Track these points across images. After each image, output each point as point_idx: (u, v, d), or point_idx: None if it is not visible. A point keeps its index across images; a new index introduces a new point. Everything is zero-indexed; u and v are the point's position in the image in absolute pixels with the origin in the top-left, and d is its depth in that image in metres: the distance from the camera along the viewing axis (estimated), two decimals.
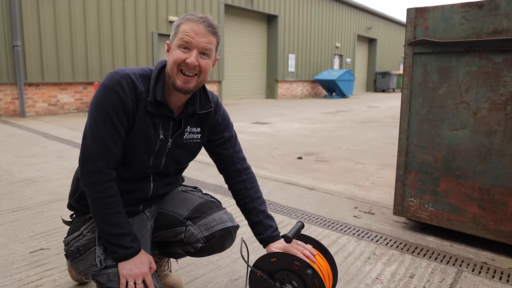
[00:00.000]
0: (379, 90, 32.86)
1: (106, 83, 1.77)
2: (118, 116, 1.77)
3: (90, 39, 12.91)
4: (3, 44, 11.09)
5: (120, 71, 1.80)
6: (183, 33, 1.77)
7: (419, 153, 3.18)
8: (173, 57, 1.78)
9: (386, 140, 8.24)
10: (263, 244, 2.06)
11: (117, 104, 1.75)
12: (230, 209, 3.79)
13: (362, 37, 32.34)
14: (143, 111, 1.83)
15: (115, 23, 13.60)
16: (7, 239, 3.08)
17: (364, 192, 4.49)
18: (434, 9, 2.98)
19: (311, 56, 24.91)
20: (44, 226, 3.37)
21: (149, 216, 2.09)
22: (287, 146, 7.44)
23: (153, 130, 1.88)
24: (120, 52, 13.79)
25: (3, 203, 3.93)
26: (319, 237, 3.21)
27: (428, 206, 3.18)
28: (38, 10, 11.66)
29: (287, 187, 4.67)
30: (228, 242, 2.04)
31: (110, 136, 1.77)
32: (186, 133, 1.99)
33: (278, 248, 1.97)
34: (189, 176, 4.97)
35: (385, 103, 20.01)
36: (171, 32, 1.85)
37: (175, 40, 1.80)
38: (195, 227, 1.97)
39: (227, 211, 2.08)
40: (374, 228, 3.44)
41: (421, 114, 3.14)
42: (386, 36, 35.69)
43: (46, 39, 11.92)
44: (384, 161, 6.18)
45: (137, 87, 1.80)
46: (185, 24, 1.78)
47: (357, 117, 12.80)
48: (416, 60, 3.13)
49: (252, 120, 11.63)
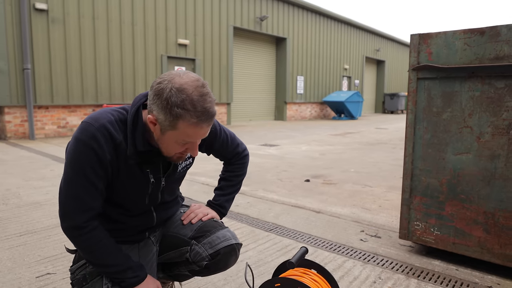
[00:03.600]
0: (388, 112, 32.86)
1: (79, 137, 1.66)
2: (95, 171, 1.68)
3: (99, 62, 13.04)
4: (13, 67, 11.18)
5: (94, 121, 1.67)
6: (187, 137, 1.65)
7: (424, 177, 3.19)
8: (171, 149, 1.72)
9: (394, 162, 8.23)
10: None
11: (93, 161, 1.66)
12: (236, 233, 3.81)
13: (371, 59, 32.47)
14: (125, 161, 1.75)
15: (125, 46, 13.75)
16: (13, 264, 3.10)
17: (371, 215, 4.49)
18: (437, 35, 3.02)
19: (319, 78, 25.00)
20: (51, 250, 3.38)
21: (154, 241, 2.10)
22: (295, 168, 7.46)
23: (142, 176, 1.83)
24: (129, 74, 13.92)
25: (11, 227, 3.95)
26: (325, 261, 3.22)
27: (434, 230, 3.19)
28: (48, 33, 11.82)
29: (294, 210, 4.68)
30: (232, 259, 2.05)
31: (86, 191, 1.69)
32: (179, 165, 1.99)
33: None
34: (197, 199, 4.99)
35: (394, 124, 20.00)
36: (160, 113, 1.60)
37: (172, 133, 1.65)
38: (199, 246, 1.99)
39: (230, 229, 2.10)
40: (380, 252, 3.44)
41: (425, 139, 3.16)
42: (394, 58, 35.80)
43: (56, 62, 12.04)
44: (391, 183, 6.18)
45: (114, 138, 1.69)
46: (187, 127, 1.61)
47: (365, 139, 12.81)
48: (420, 85, 3.16)
49: (260, 142, 11.67)
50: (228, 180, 2.34)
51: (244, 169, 2.37)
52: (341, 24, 26.73)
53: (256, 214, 4.47)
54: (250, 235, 3.80)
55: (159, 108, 1.59)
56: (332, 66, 26.26)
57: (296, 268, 1.99)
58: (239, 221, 4.22)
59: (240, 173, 2.36)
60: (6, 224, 4.03)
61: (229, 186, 2.34)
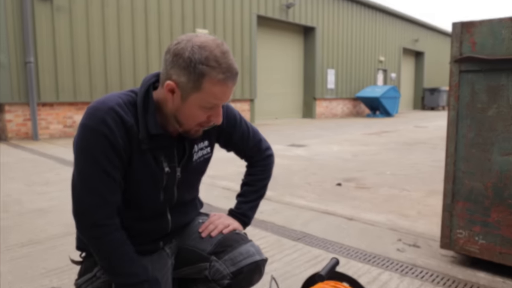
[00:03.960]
0: (428, 108, 32.54)
1: (87, 123, 1.64)
2: (109, 160, 1.65)
3: (109, 54, 12.95)
4: (14, 61, 11.05)
5: (102, 104, 1.66)
6: (213, 98, 1.65)
7: (467, 180, 3.15)
8: (196, 118, 1.71)
9: (434, 164, 8.15)
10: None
11: (105, 147, 1.63)
12: (260, 242, 3.82)
13: (408, 50, 32.19)
14: (138, 147, 1.73)
15: (137, 36, 13.67)
16: (15, 277, 3.04)
17: (409, 223, 4.45)
18: (481, 24, 2.98)
19: (352, 71, 24.88)
20: (57, 262, 3.32)
21: (169, 253, 2.07)
22: (325, 171, 7.44)
23: (156, 165, 1.81)
24: (142, 68, 13.83)
25: (12, 237, 3.91)
26: (358, 273, 3.20)
27: (478, 238, 3.14)
28: (53, 22, 11.69)
29: (324, 217, 4.67)
30: (256, 278, 2.01)
31: (103, 184, 1.66)
32: (195, 153, 1.97)
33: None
34: (217, 206, 5.01)
35: (434, 122, 19.78)
36: (181, 74, 1.62)
37: (197, 96, 1.65)
38: (220, 263, 1.94)
39: (254, 243, 2.05)
40: (419, 263, 3.41)
41: (469, 138, 3.12)
42: (435, 49, 35.41)
43: (61, 55, 11.93)
44: (431, 187, 6.11)
45: (125, 121, 1.67)
46: (213, 85, 1.61)
47: (402, 138, 12.71)
48: (463, 79, 3.12)
49: (287, 142, 11.66)
50: (251, 185, 2.30)
51: (268, 172, 2.34)
52: (376, 12, 26.55)
53: (282, 222, 4.47)
54: (276, 245, 3.80)
55: (180, 69, 1.61)
56: (366, 58, 26.11)
57: (326, 281, 1.98)
58: (263, 229, 4.22)
59: (264, 177, 2.32)
60: (7, 234, 3.99)
61: (252, 192, 2.29)
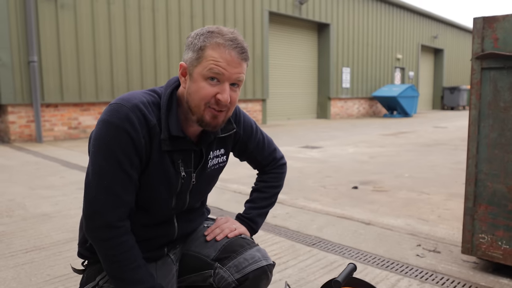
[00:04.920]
0: (447, 108, 32.38)
1: (110, 120, 1.64)
2: (129, 159, 1.66)
3: (115, 53, 12.95)
4: (17, 60, 11.00)
5: (126, 102, 1.67)
6: (213, 62, 1.65)
7: (490, 183, 3.14)
8: (200, 92, 1.69)
9: (454, 166, 8.11)
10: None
11: (127, 145, 1.64)
12: (273, 247, 3.82)
13: (427, 47, 32.05)
14: (158, 148, 1.74)
15: (145, 35, 13.69)
16: (19, 284, 3.06)
17: (429, 227, 4.44)
18: (504, 19, 2.97)
19: (368, 70, 24.82)
20: (62, 269, 3.35)
21: (174, 260, 2.06)
22: (341, 173, 7.43)
23: (173, 168, 1.81)
24: (149, 67, 13.86)
25: (16, 242, 3.93)
26: (375, 280, 3.20)
27: (502, 243, 3.13)
28: (57, 20, 11.66)
29: (340, 221, 4.67)
30: (263, 284, 1.96)
31: (120, 183, 1.66)
32: (210, 160, 1.98)
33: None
34: (227, 210, 5.03)
35: (454, 122, 19.70)
36: (189, 52, 1.71)
37: (199, 67, 1.68)
38: (224, 270, 1.92)
39: (260, 247, 2.02)
40: (440, 269, 3.40)
41: (491, 138, 3.10)
42: (455, 46, 35.23)
43: (66, 54, 11.90)
44: (452, 190, 6.09)
45: (149, 121, 1.69)
46: (213, 50, 1.65)
47: (421, 140, 12.66)
48: (485, 76, 3.11)
49: (300, 144, 11.67)
50: (262, 192, 2.29)
51: (280, 181, 2.34)
52: (393, 8, 26.47)
53: (296, 227, 4.47)
54: (290, 250, 3.80)
55: (188, 47, 1.72)
56: (382, 56, 26.03)
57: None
58: (277, 234, 4.23)
59: (276, 185, 2.32)
60: (11, 239, 4.02)
61: (262, 199, 2.28)
